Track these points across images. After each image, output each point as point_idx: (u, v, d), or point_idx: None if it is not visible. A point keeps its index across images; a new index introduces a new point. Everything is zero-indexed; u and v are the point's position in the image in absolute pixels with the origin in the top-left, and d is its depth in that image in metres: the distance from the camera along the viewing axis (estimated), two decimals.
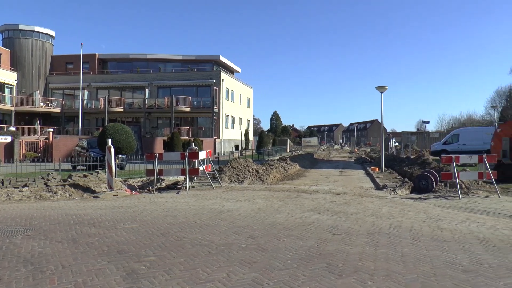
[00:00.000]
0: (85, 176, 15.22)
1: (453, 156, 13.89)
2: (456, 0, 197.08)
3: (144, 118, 49.18)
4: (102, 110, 46.88)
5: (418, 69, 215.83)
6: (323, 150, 76.19)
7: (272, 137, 71.28)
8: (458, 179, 13.58)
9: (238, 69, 62.82)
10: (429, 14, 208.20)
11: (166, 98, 47.92)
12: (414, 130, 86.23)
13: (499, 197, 13.36)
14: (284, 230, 7.87)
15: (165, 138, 41.50)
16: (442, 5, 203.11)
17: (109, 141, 14.01)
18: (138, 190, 14.88)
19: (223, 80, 49.81)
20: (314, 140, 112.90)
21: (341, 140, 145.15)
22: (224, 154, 41.21)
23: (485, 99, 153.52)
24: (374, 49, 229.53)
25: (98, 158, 19.64)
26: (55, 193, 13.07)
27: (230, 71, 59.23)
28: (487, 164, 13.90)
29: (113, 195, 13.11)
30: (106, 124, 38.64)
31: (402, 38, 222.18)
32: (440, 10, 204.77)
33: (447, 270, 5.50)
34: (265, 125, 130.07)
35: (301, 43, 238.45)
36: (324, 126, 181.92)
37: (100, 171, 16.36)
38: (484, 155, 14.21)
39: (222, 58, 54.65)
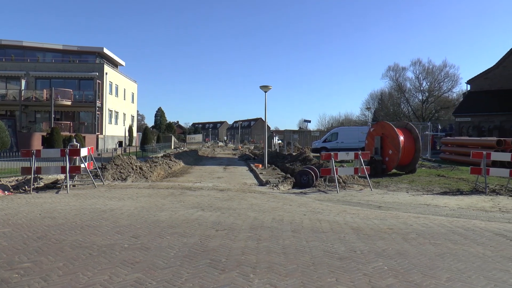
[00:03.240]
0: None
1: (332, 153, 14.66)
2: (337, 15, 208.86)
3: (20, 111, 45.13)
4: None
5: (301, 71, 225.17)
6: (208, 147, 76.37)
7: (157, 134, 70.14)
8: (336, 174, 14.36)
9: (123, 62, 60.64)
10: (314, 21, 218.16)
11: (45, 90, 44.41)
12: (296, 128, 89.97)
13: (371, 190, 14.39)
14: (167, 228, 7.74)
15: (44, 134, 38.71)
16: (325, 15, 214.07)
17: None
18: (12, 190, 13.65)
19: (106, 73, 47.70)
20: (198, 137, 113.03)
21: (225, 137, 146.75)
22: (107, 151, 39.56)
23: (361, 101, 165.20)
24: (260, 49, 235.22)
25: None
26: None
27: (114, 64, 56.92)
28: (362, 161, 14.87)
29: None
30: None
31: (288, 42, 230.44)
32: (324, 19, 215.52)
33: (325, 258, 5.81)
34: (150, 121, 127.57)
35: (186, 40, 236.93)
36: (209, 123, 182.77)
37: None
38: (359, 152, 15.18)
39: (105, 51, 52.27)
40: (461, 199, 12.47)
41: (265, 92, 26.67)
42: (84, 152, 14.22)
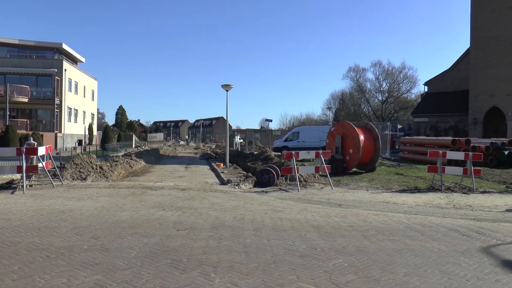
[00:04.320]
0: None
1: (293, 152, 14.78)
2: (298, 15, 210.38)
3: None
4: None
5: (263, 71, 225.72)
6: (169, 146, 75.71)
7: (117, 132, 68.98)
8: (298, 173, 14.47)
9: (82, 59, 59.16)
10: (275, 20, 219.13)
11: None
12: (258, 127, 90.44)
13: (332, 188, 14.59)
14: (128, 228, 7.62)
15: None
16: (287, 14, 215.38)
17: None
18: None
19: (65, 69, 46.45)
20: (160, 135, 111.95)
21: (187, 136, 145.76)
22: (66, 150, 38.68)
23: (322, 101, 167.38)
24: (221, 47, 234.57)
25: None
26: None
27: (74, 60, 55.46)
28: (323, 159, 15.04)
29: None
30: None
31: (249, 41, 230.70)
32: (285, 18, 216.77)
33: (286, 256, 5.86)
34: (110, 120, 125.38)
35: (146, 37, 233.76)
36: (170, 122, 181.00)
37: None
38: (320, 151, 15.36)
39: (64, 46, 50.77)
40: (418, 196, 12.81)
41: (227, 91, 26.60)
42: (42, 151, 13.83)
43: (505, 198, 12.58)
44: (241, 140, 52.25)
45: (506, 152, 23.15)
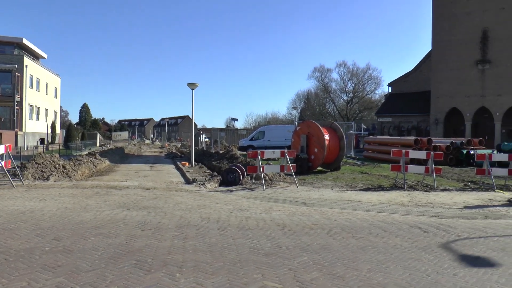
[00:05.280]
0: None
1: (258, 151, 14.81)
2: (267, 15, 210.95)
3: None
4: None
5: (228, 69, 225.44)
6: (134, 144, 74.83)
7: (81, 131, 67.67)
8: (263, 172, 14.54)
9: (45, 55, 57.45)
10: (241, 17, 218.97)
11: None
12: (223, 126, 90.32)
13: (297, 187, 14.70)
14: (92, 229, 7.50)
15: None
16: (253, 17, 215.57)
17: None
18: None
19: (26, 66, 45.07)
20: (125, 134, 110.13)
21: (152, 135, 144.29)
22: (27, 149, 37.59)
23: (288, 100, 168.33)
24: (187, 47, 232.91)
25: None
26: None
27: (35, 56, 53.79)
28: (288, 158, 15.14)
29: None
30: None
31: (215, 40, 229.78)
32: (250, 19, 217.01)
33: (251, 255, 5.89)
34: (74, 118, 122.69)
35: (111, 34, 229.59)
36: (136, 120, 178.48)
37: None
38: (286, 150, 15.46)
39: (25, 41, 49.17)
40: (382, 194, 13.06)
41: (192, 89, 26.41)
42: (1, 150, 13.44)
43: (463, 195, 12.99)
44: (207, 139, 52.09)
45: (464, 152, 23.95)
